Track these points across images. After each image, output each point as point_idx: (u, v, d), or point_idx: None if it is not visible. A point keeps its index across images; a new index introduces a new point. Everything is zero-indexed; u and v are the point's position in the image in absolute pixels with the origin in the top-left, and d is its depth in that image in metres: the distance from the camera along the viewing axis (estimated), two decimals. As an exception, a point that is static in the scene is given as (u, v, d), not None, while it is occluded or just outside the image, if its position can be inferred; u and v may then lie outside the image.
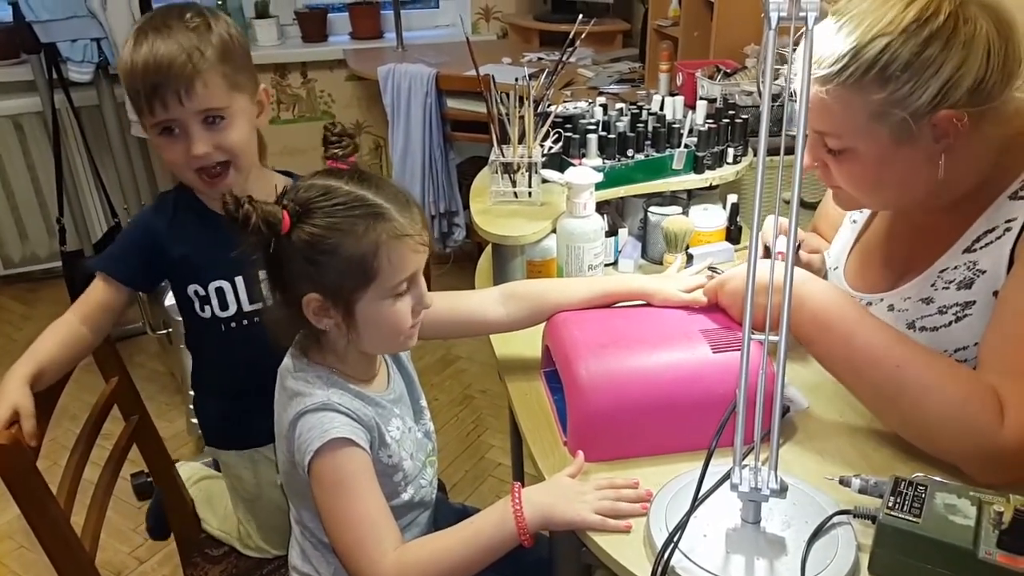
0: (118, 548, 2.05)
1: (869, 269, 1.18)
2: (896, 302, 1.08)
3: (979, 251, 0.99)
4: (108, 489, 1.23)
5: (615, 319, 1.10)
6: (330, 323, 0.94)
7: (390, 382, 1.05)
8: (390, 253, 0.91)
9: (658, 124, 1.52)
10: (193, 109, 1.11)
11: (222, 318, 1.23)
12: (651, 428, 0.98)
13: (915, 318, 1.05)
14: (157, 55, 1.08)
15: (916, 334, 1.03)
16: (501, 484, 2.26)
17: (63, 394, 1.18)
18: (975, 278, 0.99)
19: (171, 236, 1.20)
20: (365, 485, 0.91)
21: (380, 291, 0.92)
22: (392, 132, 2.83)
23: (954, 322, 1.01)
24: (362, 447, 0.92)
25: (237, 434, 1.30)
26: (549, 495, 0.92)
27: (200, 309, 1.23)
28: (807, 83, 0.76)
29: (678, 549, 0.81)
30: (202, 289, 1.21)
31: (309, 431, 0.91)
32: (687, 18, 2.58)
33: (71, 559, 1.06)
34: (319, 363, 0.98)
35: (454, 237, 2.93)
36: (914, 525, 0.77)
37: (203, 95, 1.10)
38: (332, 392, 0.94)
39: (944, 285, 1.02)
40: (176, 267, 1.21)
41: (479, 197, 1.49)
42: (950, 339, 1.01)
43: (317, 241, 0.89)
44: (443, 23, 3.62)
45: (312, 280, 0.91)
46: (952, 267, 1.02)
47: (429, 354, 2.84)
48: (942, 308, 1.02)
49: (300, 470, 0.92)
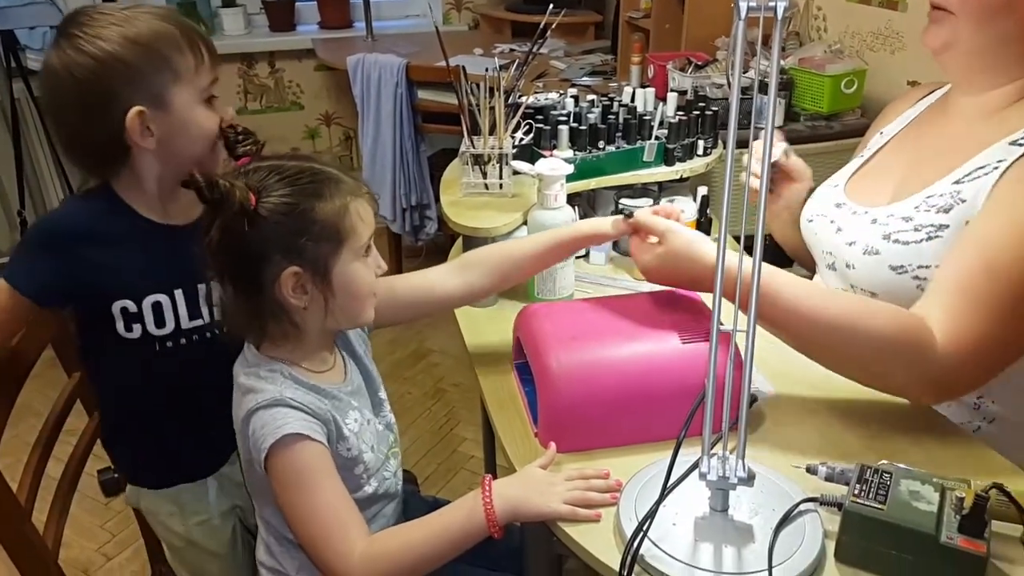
0: (85, 545, 2.02)
1: (867, 184, 1.24)
2: (880, 216, 1.13)
3: (966, 183, 1.04)
4: (72, 485, 1.22)
5: (585, 311, 1.10)
6: (306, 299, 0.93)
7: (347, 375, 1.04)
8: (359, 210, 0.94)
9: (629, 116, 1.52)
10: (217, 72, 1.09)
11: (156, 336, 1.11)
12: (621, 419, 0.99)
13: (891, 231, 1.09)
14: (179, 19, 1.06)
15: (889, 244, 1.08)
16: (473, 477, 2.26)
17: (26, 389, 1.16)
18: (955, 205, 1.03)
19: (96, 244, 1.07)
20: (325, 478, 0.91)
21: (352, 252, 0.94)
22: (362, 123, 2.80)
23: (924, 240, 1.05)
24: (318, 440, 0.91)
25: (162, 468, 1.20)
26: (519, 487, 0.92)
27: (126, 328, 1.10)
28: (776, 72, 0.77)
29: (647, 538, 0.81)
30: (134, 305, 1.08)
31: (262, 428, 0.90)
32: (658, 10, 2.59)
33: (32, 556, 1.05)
34: (272, 357, 0.97)
35: (426, 230, 2.91)
36: (879, 512, 0.79)
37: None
38: (284, 387, 0.93)
39: (927, 208, 1.07)
40: (99, 280, 1.07)
41: (450, 189, 1.49)
42: (917, 255, 1.05)
43: (290, 209, 0.90)
44: (413, 13, 3.59)
45: (290, 252, 0.91)
46: (938, 194, 1.06)
47: (401, 348, 2.83)
48: (917, 227, 1.07)
49: (257, 466, 0.92)
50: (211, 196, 0.87)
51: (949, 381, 0.96)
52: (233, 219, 0.88)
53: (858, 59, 2.20)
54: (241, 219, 0.88)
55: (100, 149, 1.06)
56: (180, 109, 1.05)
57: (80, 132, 1.05)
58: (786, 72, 2.15)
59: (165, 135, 1.05)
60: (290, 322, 0.95)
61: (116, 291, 1.08)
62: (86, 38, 1.01)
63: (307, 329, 0.97)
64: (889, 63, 2.18)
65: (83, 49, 1.00)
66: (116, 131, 1.03)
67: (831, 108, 2.11)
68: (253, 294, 0.93)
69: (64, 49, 1.02)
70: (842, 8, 2.37)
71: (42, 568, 1.06)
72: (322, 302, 0.94)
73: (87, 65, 1.00)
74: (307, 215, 0.90)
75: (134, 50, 1.01)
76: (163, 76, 1.03)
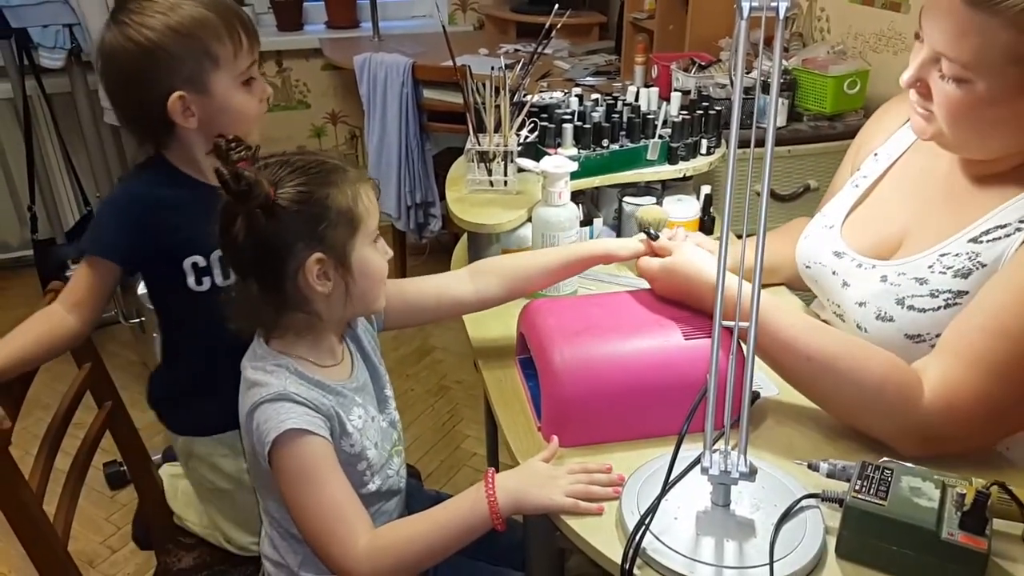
0: (90, 537, 2.03)
1: (869, 229, 1.16)
2: (890, 274, 1.07)
3: (984, 244, 0.98)
4: (80, 478, 1.22)
5: (589, 307, 1.10)
6: (329, 285, 0.94)
7: (353, 370, 1.04)
8: (368, 195, 0.96)
9: (633, 115, 1.53)
10: (256, 53, 1.16)
11: (222, 287, 1.19)
12: (624, 414, 0.99)
13: (906, 295, 1.04)
14: (222, 4, 1.11)
15: (904, 311, 1.03)
16: (476, 474, 2.27)
17: (35, 383, 1.17)
18: (974, 270, 0.98)
19: (164, 208, 1.16)
20: (328, 472, 0.91)
21: (365, 237, 0.96)
22: (368, 122, 2.81)
23: (943, 308, 1.00)
24: (321, 435, 0.92)
25: (222, 415, 1.23)
26: (522, 480, 0.93)
27: (196, 282, 1.19)
28: (778, 72, 0.77)
29: (649, 531, 0.82)
30: (203, 260, 1.18)
31: (266, 422, 0.91)
32: (662, 11, 2.59)
33: (44, 546, 1.06)
34: (280, 351, 0.98)
35: (430, 228, 2.92)
36: (880, 508, 0.79)
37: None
38: (289, 382, 0.94)
39: (942, 269, 1.01)
40: (173, 239, 1.16)
41: (455, 186, 1.49)
42: (935, 323, 1.00)
43: (307, 197, 0.91)
44: (420, 13, 3.60)
45: (311, 239, 0.92)
46: (954, 253, 1.01)
47: (405, 345, 2.84)
48: (934, 292, 1.01)
49: (261, 460, 0.92)
50: (237, 188, 0.88)
51: (934, 435, 0.92)
52: (255, 212, 0.89)
53: (861, 60, 2.21)
54: (262, 212, 0.89)
55: (149, 125, 1.16)
56: (220, 93, 1.13)
57: (130, 109, 1.16)
58: (789, 73, 2.15)
59: (206, 116, 1.14)
60: (310, 311, 0.96)
61: (187, 248, 1.17)
62: (133, 25, 1.09)
63: (326, 318, 0.98)
64: (892, 64, 2.18)
65: (130, 36, 1.09)
66: (161, 111, 1.11)
67: (834, 108, 2.11)
68: (275, 286, 0.94)
69: (114, 34, 1.11)
70: (845, 9, 2.37)
71: (54, 558, 1.07)
72: (343, 288, 0.95)
73: (132, 51, 1.09)
74: (323, 202, 0.92)
75: (176, 38, 1.09)
76: (203, 63, 1.11)
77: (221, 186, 0.89)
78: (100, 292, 1.17)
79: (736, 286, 0.92)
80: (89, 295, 1.16)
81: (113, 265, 1.16)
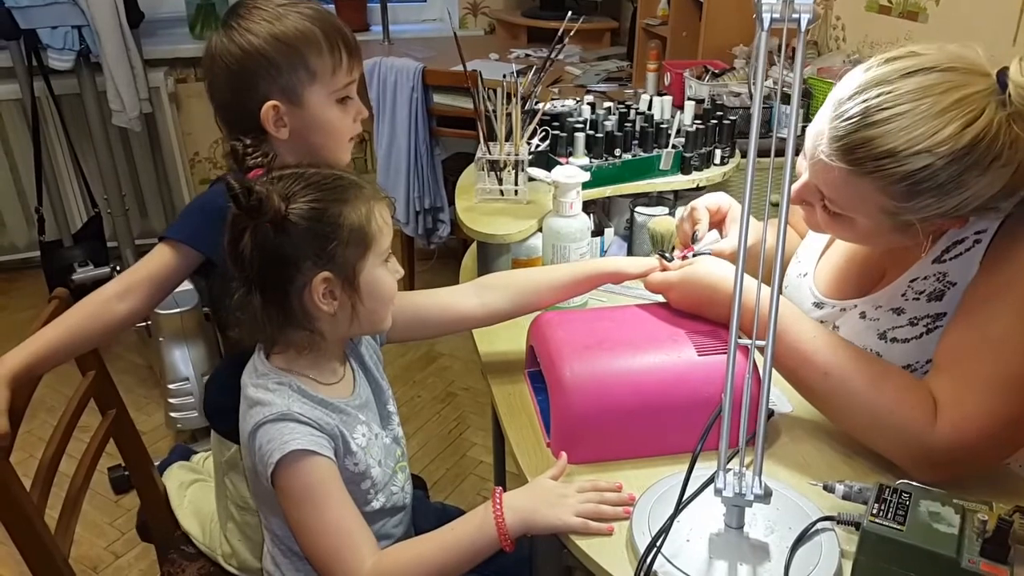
0: (94, 542, 2.02)
1: (841, 275, 1.17)
2: (868, 309, 1.08)
3: (948, 262, 0.99)
4: (84, 482, 1.21)
5: (600, 320, 1.09)
6: (335, 305, 0.92)
7: (355, 388, 1.02)
8: (381, 214, 0.94)
9: (646, 124, 1.52)
10: (355, 74, 1.16)
11: None
12: (635, 431, 0.98)
13: (886, 328, 1.04)
14: (327, 19, 1.13)
15: (888, 345, 1.03)
16: (483, 482, 2.25)
17: (40, 385, 1.15)
18: (945, 290, 0.99)
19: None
20: (333, 493, 0.90)
21: (376, 256, 0.94)
22: (377, 126, 2.81)
23: (925, 334, 1.00)
24: (326, 455, 0.90)
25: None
26: (531, 499, 0.91)
27: None
28: (799, 83, 0.76)
29: (661, 553, 0.80)
30: None
31: (268, 443, 0.89)
32: (675, 17, 2.58)
33: (43, 555, 1.05)
34: (282, 367, 0.96)
35: (438, 233, 2.91)
36: (898, 532, 0.77)
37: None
38: (292, 401, 0.92)
39: (914, 296, 1.02)
40: None
41: (465, 195, 1.48)
42: (921, 350, 1.01)
43: (319, 215, 0.89)
44: (430, 17, 3.60)
45: (320, 257, 0.90)
46: (922, 277, 1.01)
47: (412, 351, 2.83)
48: (913, 319, 1.02)
49: (264, 480, 0.91)
50: (247, 202, 0.86)
51: (945, 462, 0.91)
52: (265, 227, 0.88)
53: (877, 70, 2.19)
54: (272, 226, 0.88)
55: (244, 127, 1.15)
56: (313, 107, 1.13)
57: (228, 109, 1.17)
58: (805, 82, 2.13)
59: (297, 128, 1.14)
60: (313, 330, 0.94)
61: None
62: (239, 30, 1.11)
63: (330, 337, 0.96)
64: (909, 74, 2.16)
65: (235, 39, 1.10)
66: (255, 118, 1.12)
67: (849, 119, 2.09)
68: (280, 302, 0.92)
69: (222, 36, 1.12)
70: (861, 18, 2.35)
71: (52, 567, 1.06)
72: (349, 308, 0.93)
73: (235, 54, 1.10)
74: (335, 220, 0.90)
75: (277, 47, 1.10)
76: (299, 75, 1.11)
77: (231, 199, 0.87)
78: (166, 277, 1.14)
79: (754, 296, 0.91)
80: (155, 278, 1.13)
81: (189, 251, 1.13)
